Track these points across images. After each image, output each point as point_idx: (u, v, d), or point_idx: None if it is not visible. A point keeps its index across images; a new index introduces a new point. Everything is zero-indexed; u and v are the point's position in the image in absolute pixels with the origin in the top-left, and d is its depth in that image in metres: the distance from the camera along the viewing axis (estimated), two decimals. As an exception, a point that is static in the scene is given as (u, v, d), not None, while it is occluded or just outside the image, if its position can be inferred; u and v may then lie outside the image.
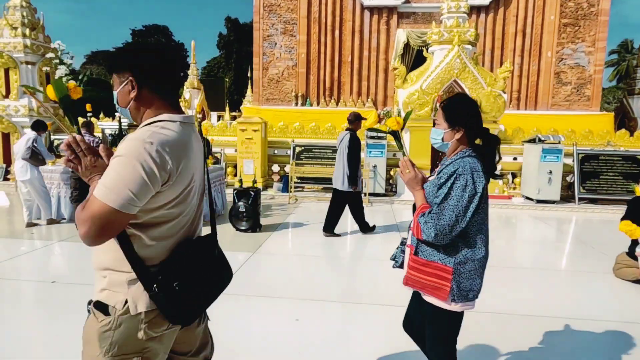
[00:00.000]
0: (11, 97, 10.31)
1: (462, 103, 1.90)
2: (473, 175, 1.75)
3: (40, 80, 10.64)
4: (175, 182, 1.27)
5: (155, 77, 1.34)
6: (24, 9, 10.51)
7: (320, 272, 4.72)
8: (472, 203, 1.73)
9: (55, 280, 4.17)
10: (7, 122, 10.16)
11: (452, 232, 1.73)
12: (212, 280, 1.43)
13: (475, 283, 1.81)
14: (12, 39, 10.21)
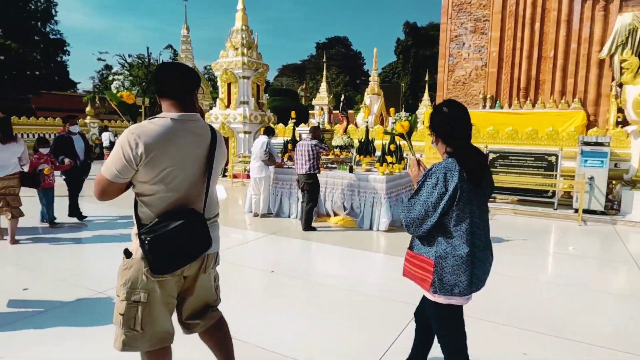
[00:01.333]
0: (231, 107, 12.27)
1: (435, 111, 2.06)
2: (445, 174, 1.90)
3: (252, 92, 12.37)
4: (149, 163, 1.73)
5: (159, 88, 1.88)
6: (244, 31, 12.38)
7: (543, 300, 4.07)
8: (442, 200, 1.88)
9: (274, 270, 4.62)
10: (228, 128, 12.11)
11: (422, 225, 1.94)
12: (182, 244, 1.79)
13: (460, 280, 1.91)
14: (234, 57, 12.13)
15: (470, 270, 1.92)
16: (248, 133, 12.17)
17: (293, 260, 5.30)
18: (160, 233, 1.75)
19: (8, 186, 5.24)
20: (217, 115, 12.43)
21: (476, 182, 1.93)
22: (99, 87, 41.99)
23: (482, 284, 2.02)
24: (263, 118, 12.52)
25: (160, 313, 1.88)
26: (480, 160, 1.99)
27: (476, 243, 1.95)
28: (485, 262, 2.00)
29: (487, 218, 2.06)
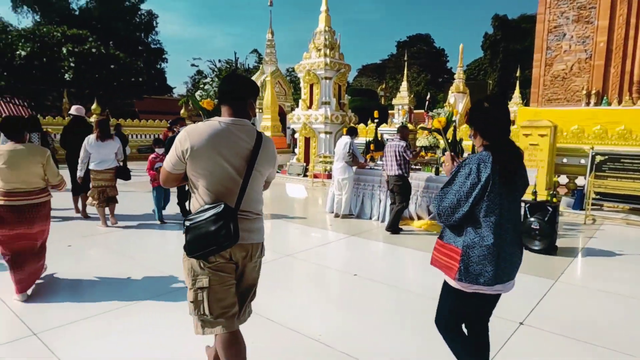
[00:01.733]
0: (313, 108, 12.44)
1: (475, 108, 2.11)
2: (479, 165, 1.96)
3: (334, 92, 12.43)
4: (193, 159, 1.99)
5: (219, 96, 2.15)
6: (326, 32, 12.48)
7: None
8: (474, 190, 1.94)
9: (357, 273, 4.53)
10: (309, 128, 12.30)
11: (454, 214, 1.99)
12: (211, 233, 1.95)
13: (486, 269, 1.96)
14: (317, 59, 12.28)
15: (496, 261, 1.96)
16: (329, 133, 12.25)
17: (376, 263, 5.17)
18: (196, 221, 2.00)
19: (107, 178, 6.17)
20: (299, 116, 12.68)
21: (508, 177, 1.96)
22: (191, 91, 45.41)
23: (509, 277, 2.05)
24: (344, 118, 12.52)
25: (222, 293, 2.09)
26: (515, 156, 2.04)
27: (504, 236, 1.98)
28: (513, 256, 2.04)
29: (518, 214, 2.11)
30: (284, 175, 12.76)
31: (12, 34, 21.81)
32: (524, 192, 2.14)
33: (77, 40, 22.21)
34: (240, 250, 2.10)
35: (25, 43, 20.56)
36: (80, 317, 3.31)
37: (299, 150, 12.91)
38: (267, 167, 2.19)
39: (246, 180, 2.06)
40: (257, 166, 2.08)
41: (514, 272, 2.08)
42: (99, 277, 4.23)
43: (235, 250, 2.08)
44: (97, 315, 3.38)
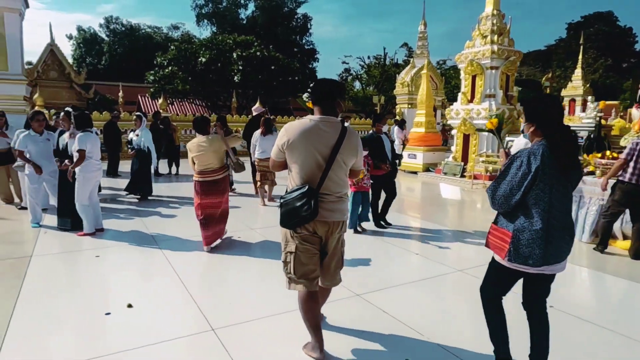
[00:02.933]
0: (475, 101, 11.26)
1: (534, 101, 2.35)
2: (529, 157, 2.16)
3: (500, 83, 11.04)
4: (288, 149, 2.51)
5: (311, 98, 2.66)
6: (494, 17, 11.13)
7: None
8: (525, 180, 2.16)
9: (553, 305, 3.65)
10: (469, 124, 11.18)
11: (507, 201, 2.22)
12: (296, 208, 2.45)
13: (535, 252, 2.17)
14: (482, 47, 11.05)
15: (544, 245, 2.16)
16: (493, 130, 10.93)
17: (576, 293, 4.15)
18: (287, 199, 2.49)
19: (267, 165, 6.67)
20: (458, 111, 11.64)
21: (563, 168, 2.15)
22: (339, 88, 46.75)
23: (556, 260, 2.22)
24: (512, 113, 11.03)
25: (305, 259, 2.58)
26: (570, 148, 2.22)
27: (552, 222, 2.17)
28: (560, 241, 2.20)
29: (569, 203, 2.27)
30: (438, 175, 11.90)
31: (195, 44, 25.36)
32: (577, 183, 2.32)
33: (244, 45, 24.68)
34: (322, 226, 2.56)
35: (205, 51, 23.65)
36: (257, 317, 3.28)
37: (455, 148, 11.87)
38: (349, 156, 2.59)
39: (328, 166, 2.49)
40: (339, 155, 2.51)
41: (562, 256, 2.25)
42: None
43: (317, 225, 2.55)
44: (271, 316, 3.31)
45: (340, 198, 2.60)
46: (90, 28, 41.47)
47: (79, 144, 5.22)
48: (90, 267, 4.45)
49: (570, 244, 2.28)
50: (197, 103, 27.45)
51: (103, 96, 30.48)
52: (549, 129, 2.20)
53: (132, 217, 6.67)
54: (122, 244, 5.20)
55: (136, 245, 5.17)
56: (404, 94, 24.56)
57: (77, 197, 5.37)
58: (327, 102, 2.56)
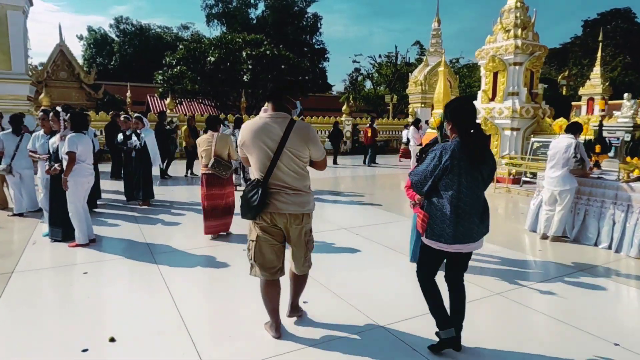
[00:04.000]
0: (497, 100, 10.59)
1: (451, 103, 2.74)
2: (442, 152, 2.59)
3: (525, 80, 10.35)
4: (245, 145, 2.74)
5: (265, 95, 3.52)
6: (517, 10, 10.45)
7: None
8: (436, 170, 2.60)
9: (619, 343, 3.04)
10: (491, 124, 10.51)
11: (422, 186, 2.70)
12: (248, 200, 2.68)
13: (446, 232, 2.61)
14: (504, 42, 10.37)
15: (454, 225, 2.59)
16: (516, 130, 10.24)
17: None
18: (244, 191, 2.75)
19: None
20: (479, 110, 10.95)
21: (471, 162, 2.57)
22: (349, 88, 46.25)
23: (468, 240, 2.65)
24: (537, 111, 10.34)
25: (265, 250, 2.79)
26: (478, 145, 2.60)
27: (461, 206, 2.59)
28: (470, 223, 2.63)
29: (478, 191, 2.66)
30: (456, 178, 11.24)
31: (204, 43, 24.96)
32: (490, 175, 2.72)
33: (254, 44, 24.19)
34: (280, 217, 2.72)
35: (214, 50, 23.23)
36: (260, 358, 2.73)
37: (475, 150, 11.20)
38: (299, 148, 2.67)
39: (276, 157, 2.64)
40: (287, 147, 2.64)
41: (474, 237, 2.68)
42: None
43: (275, 217, 2.72)
44: (276, 356, 2.75)
45: (297, 192, 2.73)
46: (100, 28, 41.49)
47: (68, 146, 4.74)
48: (74, 288, 3.94)
49: (480, 226, 2.69)
50: (206, 103, 27.06)
51: (112, 96, 30.29)
52: (462, 128, 2.60)
53: (129, 224, 6.19)
54: (114, 258, 4.69)
55: (130, 259, 4.66)
56: (417, 93, 23.88)
57: (70, 203, 4.89)
58: (276, 100, 2.74)
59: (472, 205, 2.61)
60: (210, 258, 4.75)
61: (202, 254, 4.89)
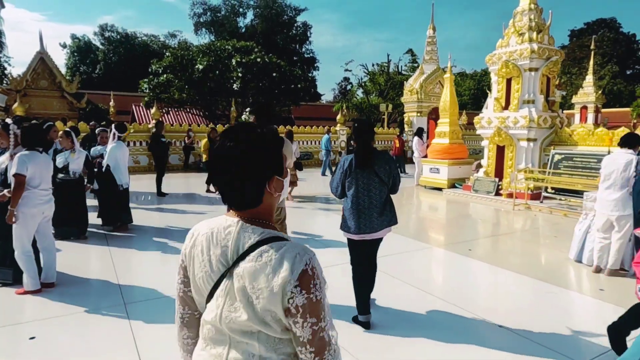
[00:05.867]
0: (511, 109, 9.79)
1: (353, 124, 3.52)
2: (344, 161, 3.42)
3: (541, 87, 9.59)
4: None
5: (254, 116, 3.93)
6: (532, 12, 9.72)
7: None
8: (340, 174, 3.40)
9: None
10: (505, 135, 9.70)
11: (337, 190, 3.47)
12: None
13: (351, 224, 3.34)
14: (518, 46, 9.61)
15: (356, 219, 3.32)
16: (533, 140, 9.44)
17: None
18: None
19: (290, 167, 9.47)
20: (490, 119, 10.15)
21: (359, 167, 3.31)
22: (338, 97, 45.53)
23: (370, 230, 3.32)
24: (554, 121, 9.56)
25: None
26: (361, 154, 3.32)
27: (360, 203, 3.32)
28: (369, 217, 3.31)
29: (375, 191, 3.34)
30: (467, 192, 10.38)
31: (192, 50, 23.99)
32: (385, 177, 3.35)
33: (244, 51, 23.27)
34: None
35: (203, 57, 22.25)
36: None
37: (488, 162, 10.36)
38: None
39: None
40: None
41: (375, 228, 3.33)
42: None
43: None
44: None
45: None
46: (84, 36, 40.19)
47: (16, 167, 3.71)
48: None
49: (380, 219, 3.35)
50: (194, 112, 25.99)
51: (96, 106, 29.04)
52: (356, 141, 3.40)
53: (100, 258, 5.14)
54: (74, 310, 3.64)
55: (95, 312, 3.62)
56: (413, 101, 23.16)
57: (15, 240, 3.85)
58: (263, 118, 3.70)
59: (369, 202, 3.32)
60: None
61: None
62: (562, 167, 8.73)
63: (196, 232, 1.18)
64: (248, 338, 1.07)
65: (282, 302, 1.01)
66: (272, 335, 1.07)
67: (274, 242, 1.06)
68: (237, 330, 1.07)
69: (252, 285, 1.03)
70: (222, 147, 1.08)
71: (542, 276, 4.69)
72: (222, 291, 1.08)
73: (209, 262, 1.10)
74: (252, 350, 1.07)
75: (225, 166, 1.07)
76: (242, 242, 1.08)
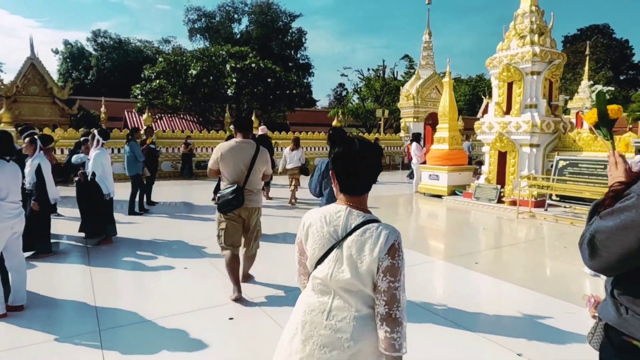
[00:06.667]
0: (512, 113, 9.50)
1: (330, 132, 3.85)
2: (321, 164, 4.04)
3: (543, 91, 9.31)
4: (222, 160, 3.94)
5: (234, 127, 4.21)
6: (533, 14, 9.47)
7: None
8: (317, 176, 4.05)
9: None
10: (507, 140, 9.40)
11: (315, 190, 4.10)
12: (230, 199, 3.83)
13: None
14: (520, 49, 9.35)
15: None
16: (536, 146, 9.14)
17: None
18: (223, 193, 3.89)
19: (295, 172, 9.80)
20: (492, 125, 9.86)
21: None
22: (333, 103, 45.31)
23: None
24: (557, 126, 9.29)
25: (232, 233, 4.02)
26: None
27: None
28: None
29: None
30: (468, 200, 10.05)
31: (186, 56, 23.63)
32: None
33: (239, 56, 22.95)
34: (245, 211, 4.01)
35: (197, 63, 21.90)
36: None
37: (489, 169, 10.05)
38: (262, 165, 4.08)
39: (249, 172, 3.96)
40: (255, 165, 3.99)
41: None
42: None
43: (241, 211, 3.98)
44: None
45: (258, 191, 4.13)
46: (77, 42, 39.75)
47: (-21, 179, 3.33)
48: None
49: None
50: (188, 119, 25.60)
51: (87, 112, 28.59)
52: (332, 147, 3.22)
53: (77, 276, 4.73)
54: (42, 339, 3.24)
55: (65, 340, 3.22)
56: (409, 107, 22.93)
57: (-21, 260, 3.45)
58: (245, 131, 4.11)
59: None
60: (184, 335, 3.35)
61: (175, 326, 3.48)
62: (567, 174, 8.43)
63: (309, 217, 1.62)
64: (347, 293, 1.48)
65: (376, 265, 1.43)
66: (365, 292, 1.47)
67: (373, 223, 1.48)
68: (340, 286, 1.48)
69: (358, 253, 1.45)
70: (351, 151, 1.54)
71: (559, 293, 4.34)
72: (332, 257, 1.50)
73: (322, 237, 1.52)
74: (349, 301, 1.48)
75: (354, 164, 1.51)
76: (349, 222, 1.50)
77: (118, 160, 13.75)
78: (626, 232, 1.20)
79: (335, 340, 1.46)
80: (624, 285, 1.31)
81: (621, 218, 1.21)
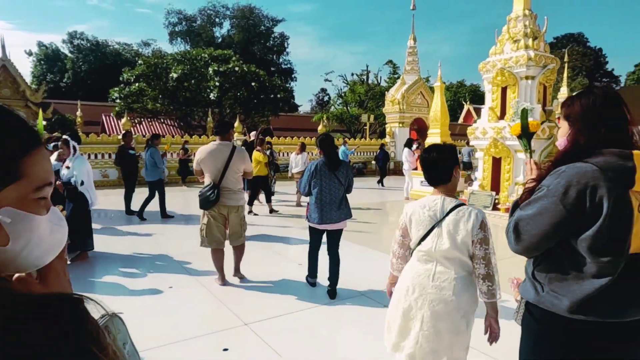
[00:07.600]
0: (506, 118, 9.31)
1: (318, 138, 4.44)
2: (312, 165, 4.26)
3: (538, 96, 9.16)
4: (202, 162, 4.42)
5: (214, 131, 4.71)
6: (526, 18, 9.33)
7: None
8: (307, 176, 4.21)
9: None
10: (501, 146, 9.20)
11: (304, 189, 4.26)
12: (208, 197, 4.32)
13: (315, 216, 4.17)
14: (513, 53, 9.19)
15: (319, 211, 4.14)
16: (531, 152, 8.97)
17: None
18: (203, 191, 4.35)
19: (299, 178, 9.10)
20: (485, 130, 9.65)
21: (329, 169, 4.18)
22: (315, 108, 45.07)
23: (330, 221, 4.17)
24: (552, 131, 9.13)
25: (214, 230, 4.42)
26: (333, 161, 4.24)
27: (322, 199, 4.14)
28: (330, 210, 4.14)
29: (335, 190, 4.18)
30: (462, 207, 9.79)
31: (166, 58, 22.97)
32: (344, 180, 4.24)
33: (221, 60, 22.44)
34: (224, 208, 4.41)
35: (178, 66, 21.30)
36: None
37: (483, 175, 9.84)
38: (239, 164, 4.47)
39: (224, 171, 4.35)
40: (231, 165, 4.38)
41: (334, 220, 4.17)
42: None
43: (221, 208, 4.40)
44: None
45: (236, 191, 4.50)
46: (52, 44, 38.46)
47: None
48: None
49: (337, 212, 4.18)
50: (169, 123, 24.86)
51: (62, 116, 27.50)
52: (324, 151, 4.25)
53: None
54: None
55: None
56: (395, 112, 22.78)
57: None
58: (223, 134, 4.52)
59: (330, 198, 4.17)
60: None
61: (160, 357, 3.01)
62: (564, 180, 8.27)
63: (410, 208, 2.22)
64: (447, 260, 2.07)
65: (471, 237, 2.02)
66: (462, 259, 2.05)
67: (463, 206, 2.09)
68: (442, 255, 2.06)
69: (455, 229, 2.03)
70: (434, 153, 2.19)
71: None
72: (434, 234, 2.08)
73: (424, 220, 2.11)
74: (449, 267, 2.07)
75: (436, 162, 2.15)
76: (445, 206, 2.09)
77: (95, 167, 13.05)
78: (542, 217, 1.48)
79: (441, 296, 2.01)
80: (541, 265, 1.57)
81: (536, 206, 1.51)
